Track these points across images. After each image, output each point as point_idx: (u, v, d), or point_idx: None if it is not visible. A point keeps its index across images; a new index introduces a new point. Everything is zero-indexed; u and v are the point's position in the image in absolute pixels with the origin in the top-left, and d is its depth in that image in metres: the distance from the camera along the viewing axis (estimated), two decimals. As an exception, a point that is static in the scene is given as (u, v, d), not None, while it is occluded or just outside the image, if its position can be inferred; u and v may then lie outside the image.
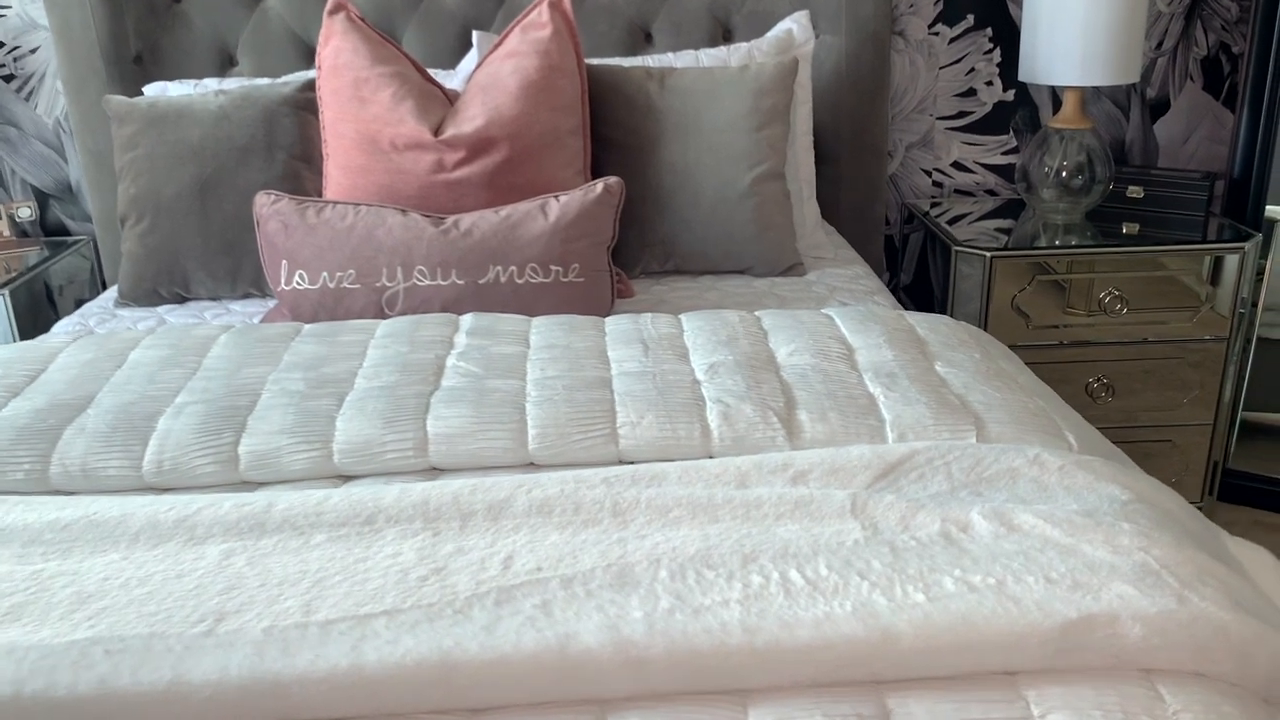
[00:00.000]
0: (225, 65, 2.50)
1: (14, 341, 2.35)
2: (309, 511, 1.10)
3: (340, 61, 1.97)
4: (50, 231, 2.74)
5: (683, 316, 1.64)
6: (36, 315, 2.45)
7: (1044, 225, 2.44)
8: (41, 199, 2.71)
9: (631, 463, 1.30)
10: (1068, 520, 1.05)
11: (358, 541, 1.06)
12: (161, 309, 2.08)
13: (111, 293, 2.20)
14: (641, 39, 2.51)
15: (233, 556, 1.05)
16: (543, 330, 1.58)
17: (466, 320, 1.63)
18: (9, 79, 2.61)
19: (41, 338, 1.89)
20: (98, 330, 2.00)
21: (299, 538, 1.07)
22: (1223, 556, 1.11)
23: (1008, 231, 2.44)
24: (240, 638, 0.93)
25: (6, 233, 2.60)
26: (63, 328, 2.03)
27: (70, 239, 2.67)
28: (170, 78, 2.46)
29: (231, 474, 1.29)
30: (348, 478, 1.31)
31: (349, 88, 1.96)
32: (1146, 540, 1.02)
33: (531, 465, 1.31)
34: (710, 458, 1.29)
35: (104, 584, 1.01)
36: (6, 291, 2.32)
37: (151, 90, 2.33)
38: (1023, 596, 0.95)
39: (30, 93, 2.62)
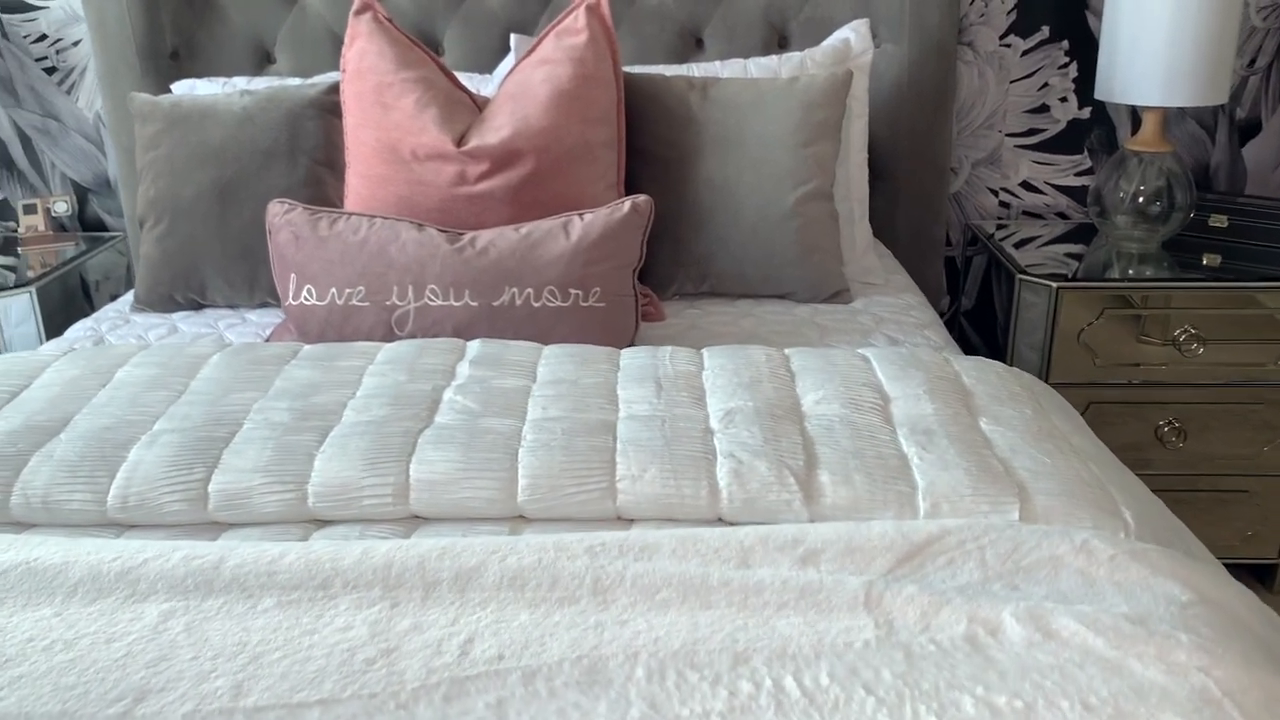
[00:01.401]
0: (262, 62, 2.43)
1: (41, 337, 2.31)
2: (261, 571, 0.99)
3: (364, 65, 1.87)
4: (89, 226, 2.70)
5: (705, 352, 1.51)
6: (70, 310, 2.40)
7: (1117, 254, 2.26)
8: (81, 193, 2.67)
9: (630, 520, 1.18)
10: (1114, 627, 0.90)
11: (308, 609, 0.96)
12: (176, 316, 2.01)
13: (129, 296, 2.14)
14: (692, 44, 2.38)
15: (171, 619, 0.95)
16: (552, 362, 1.46)
17: (473, 348, 1.52)
18: (51, 71, 2.56)
19: (44, 346, 1.83)
20: (109, 336, 1.93)
21: (246, 601, 0.97)
22: (1299, 672, 0.95)
23: (1078, 258, 2.26)
24: (157, 724, 0.83)
25: (43, 227, 2.56)
26: (75, 331, 1.97)
27: (107, 235, 2.63)
28: (206, 74, 2.40)
29: (200, 513, 1.20)
30: (323, 521, 1.21)
31: (372, 92, 1.86)
32: (1208, 658, 0.87)
33: (520, 518, 1.19)
34: (719, 519, 1.17)
35: (27, 646, 0.92)
36: (33, 289, 2.27)
37: (180, 88, 2.27)
38: (1054, 728, 0.81)
39: (71, 86, 2.58)
